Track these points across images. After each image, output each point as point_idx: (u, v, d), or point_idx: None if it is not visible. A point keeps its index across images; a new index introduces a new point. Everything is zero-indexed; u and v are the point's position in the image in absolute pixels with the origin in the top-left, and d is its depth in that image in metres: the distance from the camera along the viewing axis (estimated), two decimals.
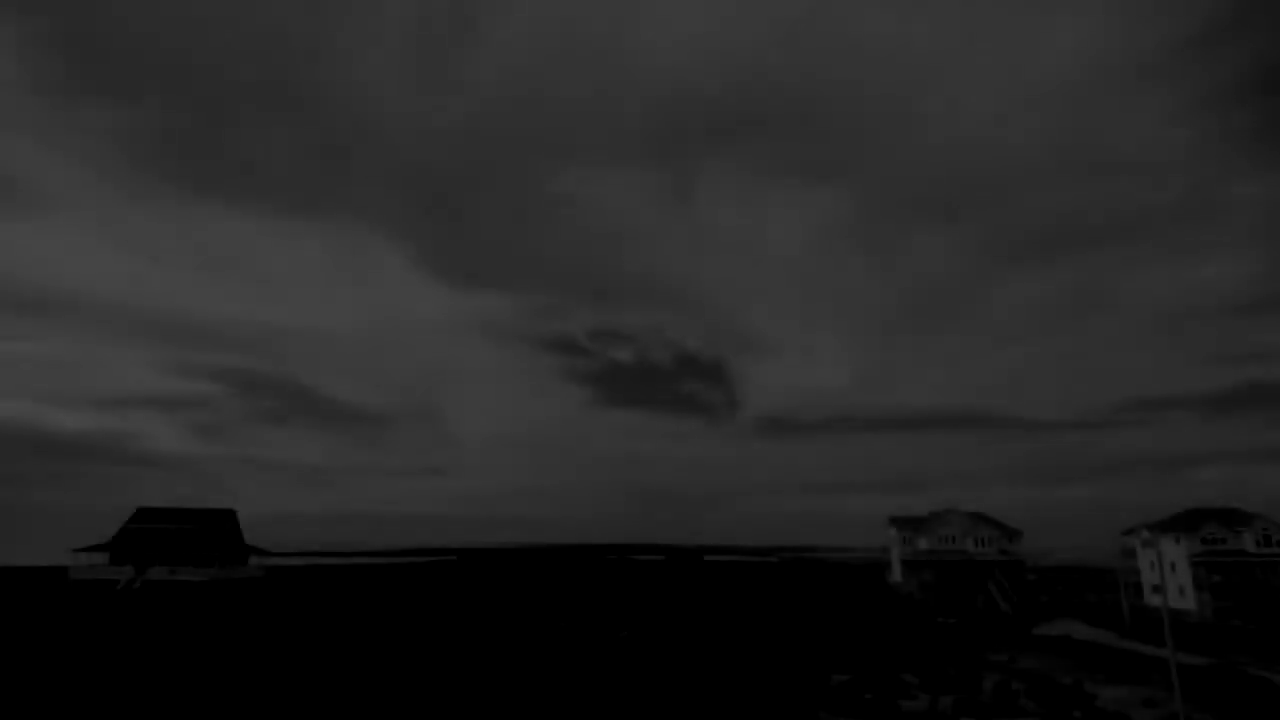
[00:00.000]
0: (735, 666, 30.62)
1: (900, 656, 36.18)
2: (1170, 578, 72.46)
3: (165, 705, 18.34)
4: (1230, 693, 29.74)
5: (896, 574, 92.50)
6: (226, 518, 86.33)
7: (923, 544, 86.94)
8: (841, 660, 34.62)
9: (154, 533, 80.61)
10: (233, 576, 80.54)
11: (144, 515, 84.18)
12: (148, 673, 22.54)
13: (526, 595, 63.85)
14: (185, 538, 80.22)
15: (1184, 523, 78.56)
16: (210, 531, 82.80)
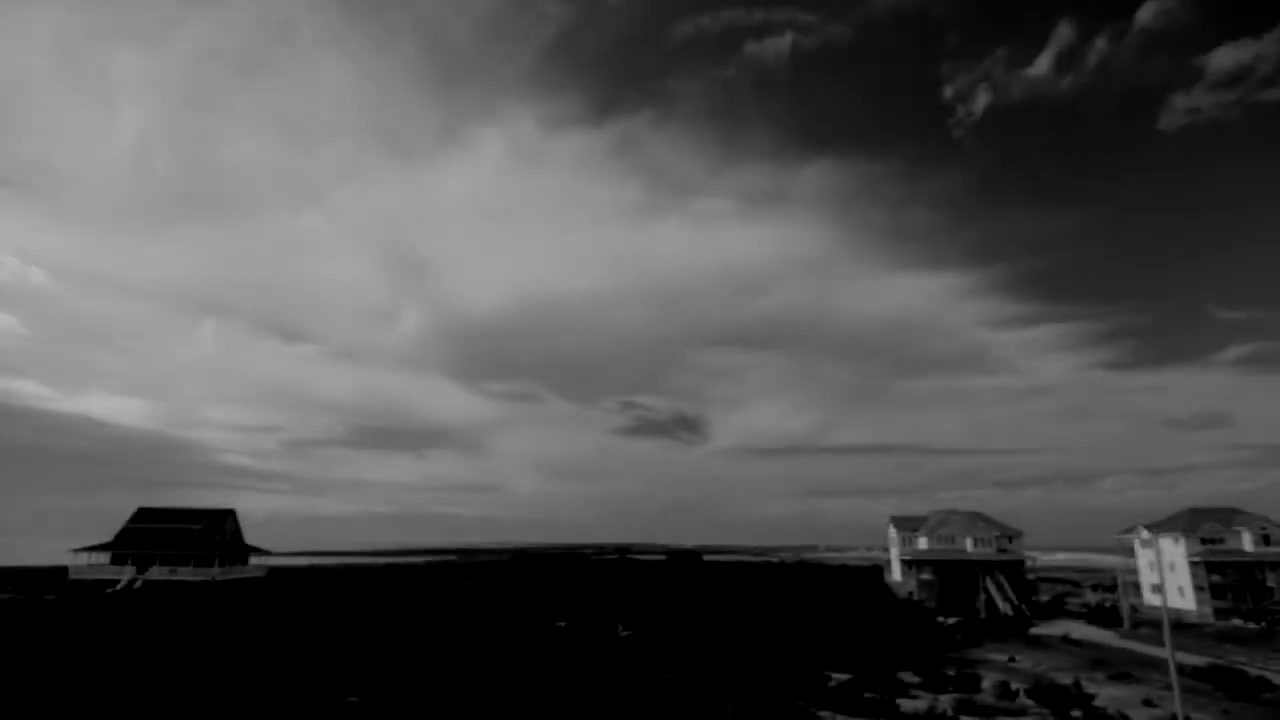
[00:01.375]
0: (735, 666, 30.68)
1: (900, 656, 36.23)
2: (1170, 578, 72.55)
3: (165, 705, 18.41)
4: (1230, 692, 29.81)
5: (896, 574, 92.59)
6: (227, 517, 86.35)
7: (922, 544, 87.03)
8: (841, 660, 34.67)
9: (154, 532, 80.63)
10: (233, 576, 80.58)
11: (144, 515, 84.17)
12: (147, 673, 22.62)
13: (526, 595, 63.95)
14: (185, 538, 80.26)
15: (1183, 523, 78.64)
16: (211, 531, 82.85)
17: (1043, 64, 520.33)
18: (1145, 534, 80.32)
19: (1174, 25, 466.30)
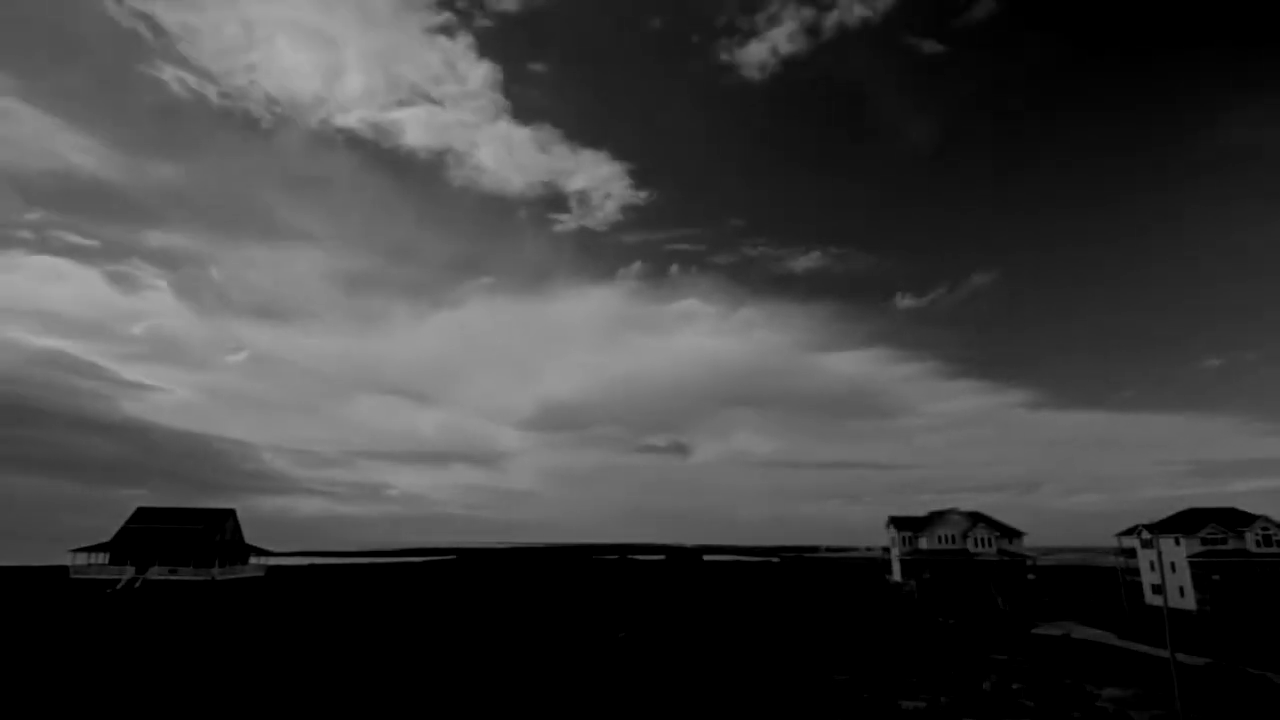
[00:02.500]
0: (735, 666, 30.61)
1: (900, 656, 36.17)
2: (1170, 578, 72.40)
3: (164, 705, 18.33)
4: (1229, 692, 29.73)
5: (896, 574, 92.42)
6: (227, 517, 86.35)
7: (923, 544, 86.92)
8: (841, 660, 34.61)
9: (154, 532, 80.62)
10: (233, 576, 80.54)
11: (144, 515, 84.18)
12: (146, 673, 22.54)
13: (526, 594, 63.86)
14: (185, 537, 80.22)
15: (1184, 523, 78.51)
16: (210, 532, 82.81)
17: None
18: (1146, 534, 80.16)
19: None
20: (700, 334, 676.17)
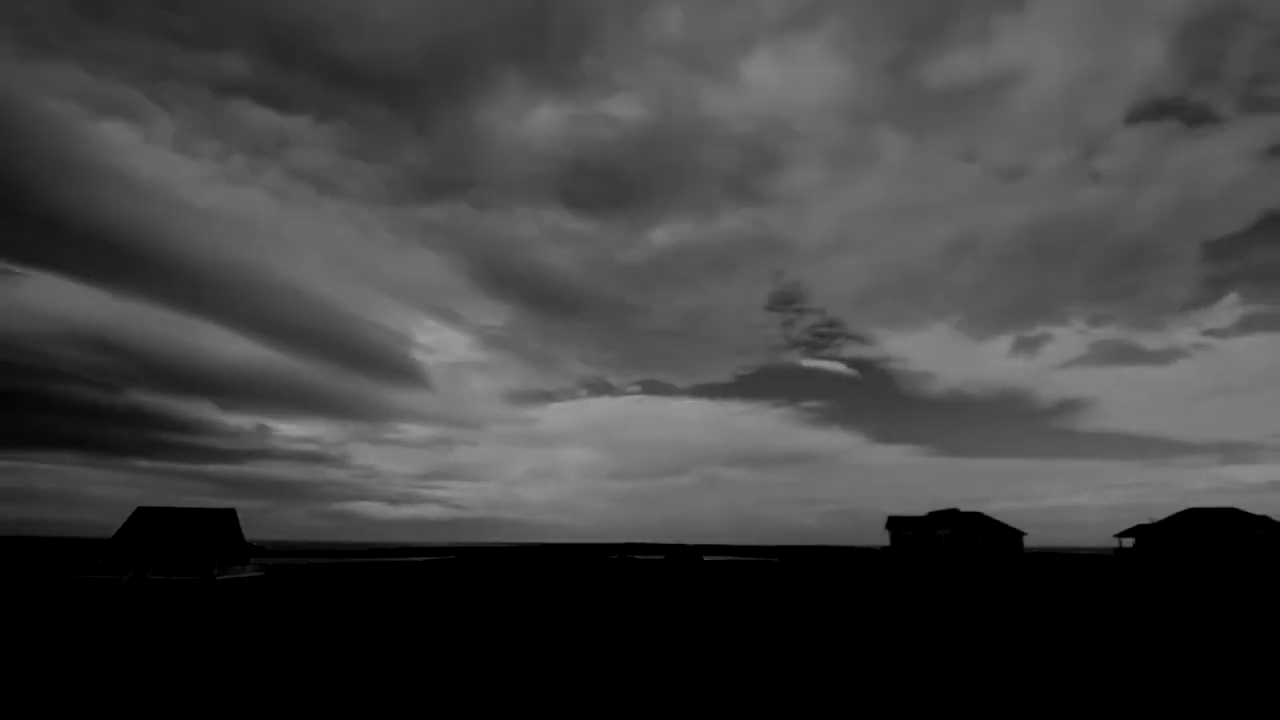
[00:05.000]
0: (735, 665, 30.53)
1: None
2: None
3: (164, 705, 18.31)
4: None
5: None
6: (226, 517, 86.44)
7: (922, 545, 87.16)
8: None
9: (153, 533, 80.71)
10: (232, 576, 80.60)
11: (142, 516, 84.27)
12: (145, 673, 22.53)
13: (526, 594, 63.78)
14: (185, 538, 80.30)
15: (1184, 523, 78.42)
16: (210, 531, 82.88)
17: None
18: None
19: None
20: None
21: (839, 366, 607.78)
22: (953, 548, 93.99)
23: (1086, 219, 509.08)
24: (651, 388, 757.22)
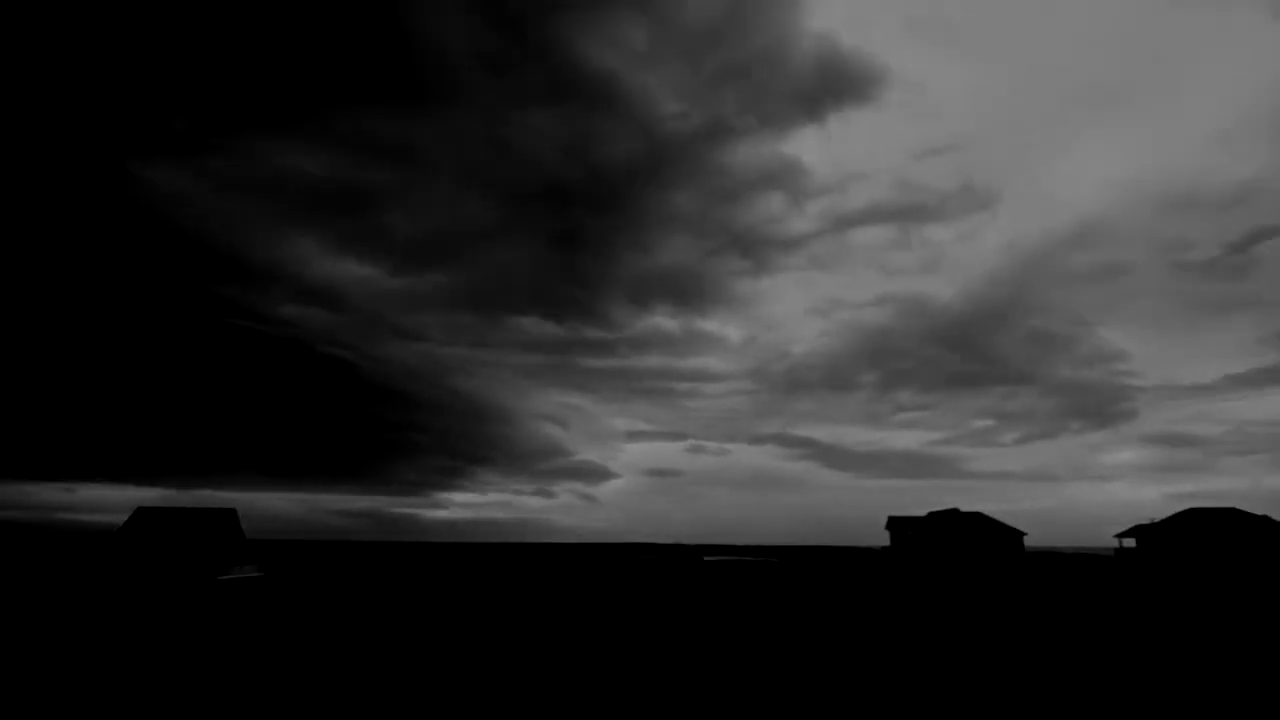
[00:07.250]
0: (734, 666, 30.46)
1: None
2: None
3: (163, 706, 18.31)
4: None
5: None
6: (226, 517, 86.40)
7: (922, 545, 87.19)
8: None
9: (153, 533, 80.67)
10: (232, 577, 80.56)
11: (142, 516, 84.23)
12: (145, 673, 22.53)
13: (526, 593, 63.73)
14: (184, 538, 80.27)
15: (1184, 524, 78.44)
16: (210, 531, 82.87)
17: None
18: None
19: None
20: None
21: None
22: (953, 548, 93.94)
23: None
24: None
